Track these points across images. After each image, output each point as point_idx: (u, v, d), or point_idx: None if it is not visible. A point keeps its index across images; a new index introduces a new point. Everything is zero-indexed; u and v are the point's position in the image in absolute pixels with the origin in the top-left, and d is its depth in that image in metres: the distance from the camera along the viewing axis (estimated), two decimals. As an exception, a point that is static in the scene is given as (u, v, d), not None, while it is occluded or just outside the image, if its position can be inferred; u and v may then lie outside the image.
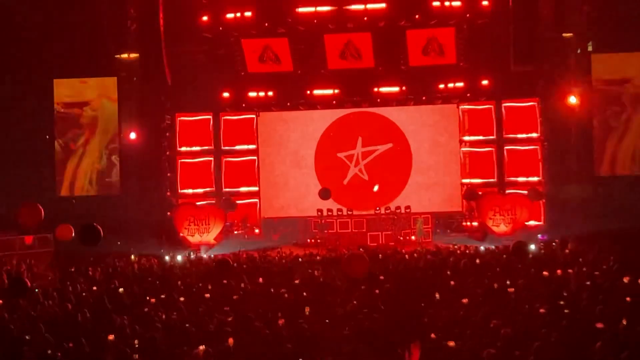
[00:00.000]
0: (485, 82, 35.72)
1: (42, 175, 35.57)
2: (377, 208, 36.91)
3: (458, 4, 33.35)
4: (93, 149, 36.45)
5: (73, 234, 20.65)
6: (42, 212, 18.38)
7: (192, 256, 30.72)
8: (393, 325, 15.76)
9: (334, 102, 37.62)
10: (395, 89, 36.57)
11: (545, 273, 20.66)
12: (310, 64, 36.46)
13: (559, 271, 20.94)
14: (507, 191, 35.62)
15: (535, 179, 35.44)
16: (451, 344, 13.47)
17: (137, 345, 14.04)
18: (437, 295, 17.84)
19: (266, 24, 34.47)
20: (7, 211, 33.13)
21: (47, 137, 36.40)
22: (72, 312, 16.92)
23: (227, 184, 38.02)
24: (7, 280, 21.00)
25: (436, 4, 33.29)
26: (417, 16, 34.00)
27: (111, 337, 14.39)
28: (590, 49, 34.96)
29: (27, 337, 14.74)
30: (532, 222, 34.10)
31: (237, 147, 38.35)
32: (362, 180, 38.04)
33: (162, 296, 19.27)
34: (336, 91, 36.78)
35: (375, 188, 37.37)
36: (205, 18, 34.37)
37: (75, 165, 36.30)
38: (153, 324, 15.30)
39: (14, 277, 21.04)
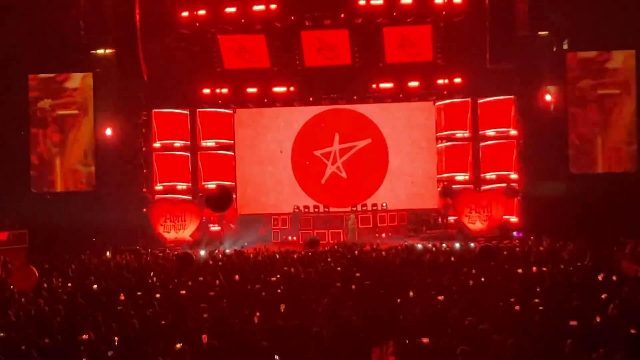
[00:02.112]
0: (461, 79, 35.83)
1: (16, 172, 35.30)
2: (354, 205, 37.01)
3: (437, 1, 33.43)
4: (68, 144, 36.15)
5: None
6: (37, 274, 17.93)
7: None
8: (368, 322, 15.80)
9: (311, 99, 37.62)
10: (372, 85, 36.69)
11: (519, 270, 20.80)
12: (287, 60, 36.46)
13: (534, 268, 21.09)
14: (483, 188, 35.79)
15: (510, 175, 35.57)
16: (425, 340, 13.51)
17: (114, 342, 14.01)
18: (411, 293, 17.85)
19: (243, 20, 34.40)
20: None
21: (22, 133, 36.14)
22: (47, 309, 16.85)
23: (204, 180, 37.89)
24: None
25: (409, 1, 33.40)
26: (394, 13, 34.05)
27: (85, 336, 14.30)
28: (565, 46, 35.15)
29: (1, 335, 14.67)
30: (508, 217, 34.32)
31: (214, 143, 38.27)
32: (339, 178, 38.05)
33: (138, 293, 19.24)
34: (312, 88, 36.84)
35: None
36: (183, 14, 34.26)
37: (51, 161, 36.04)
38: (128, 321, 15.25)
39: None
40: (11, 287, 20.08)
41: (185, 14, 34.19)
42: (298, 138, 38.26)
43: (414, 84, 36.21)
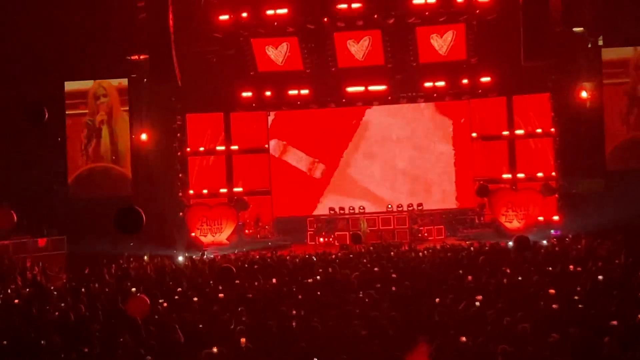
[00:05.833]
0: (495, 77, 35.61)
1: (53, 177, 35.54)
2: (389, 206, 36.93)
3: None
4: (103, 149, 36.28)
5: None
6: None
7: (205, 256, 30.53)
8: (405, 323, 15.75)
9: (344, 100, 37.58)
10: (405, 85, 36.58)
11: (557, 269, 20.62)
12: (320, 62, 36.48)
13: (571, 267, 20.90)
14: (520, 187, 35.56)
15: (546, 174, 35.34)
16: (463, 339, 13.44)
17: (151, 347, 14.04)
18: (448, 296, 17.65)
19: (275, 23, 34.45)
20: (20, 212, 33.48)
21: (59, 139, 36.32)
22: (86, 314, 16.93)
23: (239, 184, 38.03)
24: None
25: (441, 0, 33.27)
26: (426, 13, 33.95)
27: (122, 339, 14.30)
28: (600, 42, 34.79)
29: (42, 342, 14.73)
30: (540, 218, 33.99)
31: (249, 147, 38.39)
32: (376, 179, 37.94)
33: (176, 297, 19.30)
34: (347, 89, 36.75)
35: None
36: (215, 18, 34.36)
37: (88, 167, 36.18)
38: (167, 325, 15.29)
39: None
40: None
41: (218, 17, 34.30)
42: (333, 139, 38.21)
43: (447, 83, 36.06)
